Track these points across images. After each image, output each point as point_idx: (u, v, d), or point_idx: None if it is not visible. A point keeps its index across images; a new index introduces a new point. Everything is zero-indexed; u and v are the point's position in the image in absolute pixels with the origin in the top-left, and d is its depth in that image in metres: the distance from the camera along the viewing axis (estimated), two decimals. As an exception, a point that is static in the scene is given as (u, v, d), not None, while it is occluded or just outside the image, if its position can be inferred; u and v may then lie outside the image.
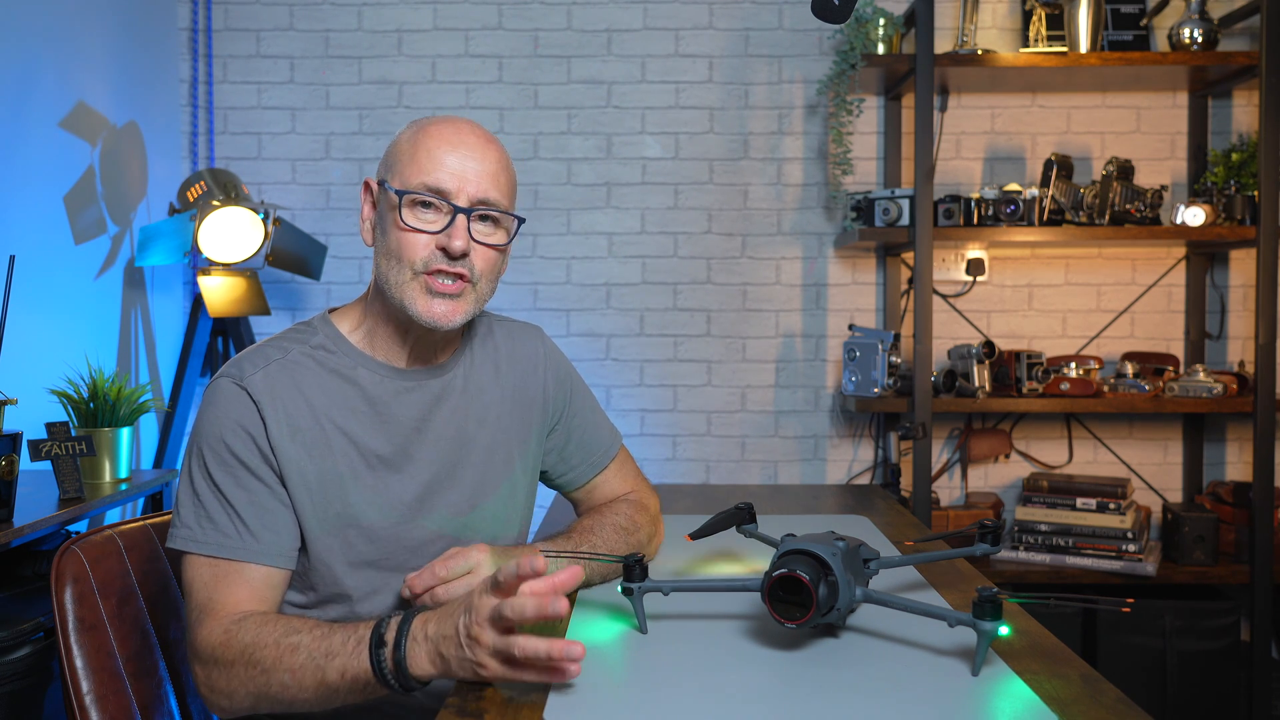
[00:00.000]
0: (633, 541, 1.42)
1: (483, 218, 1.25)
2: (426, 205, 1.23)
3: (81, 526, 1.99)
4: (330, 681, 1.05)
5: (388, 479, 1.27)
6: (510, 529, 1.39)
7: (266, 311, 2.66)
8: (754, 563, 1.49)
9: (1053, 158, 2.77)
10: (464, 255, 1.23)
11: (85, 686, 1.19)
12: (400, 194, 1.22)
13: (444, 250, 1.22)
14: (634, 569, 1.18)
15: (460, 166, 1.23)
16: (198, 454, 1.20)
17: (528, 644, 0.97)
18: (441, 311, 1.23)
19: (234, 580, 1.16)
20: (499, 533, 1.37)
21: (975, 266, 3.02)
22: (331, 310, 1.35)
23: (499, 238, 1.27)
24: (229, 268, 2.59)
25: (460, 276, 1.23)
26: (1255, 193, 2.66)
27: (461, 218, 1.22)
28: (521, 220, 1.30)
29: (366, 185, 1.30)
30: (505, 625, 0.98)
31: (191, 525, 1.18)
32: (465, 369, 1.36)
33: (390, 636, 1.03)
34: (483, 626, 0.98)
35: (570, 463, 1.50)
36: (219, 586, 1.15)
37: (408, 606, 1.26)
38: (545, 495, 1.60)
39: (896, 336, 2.82)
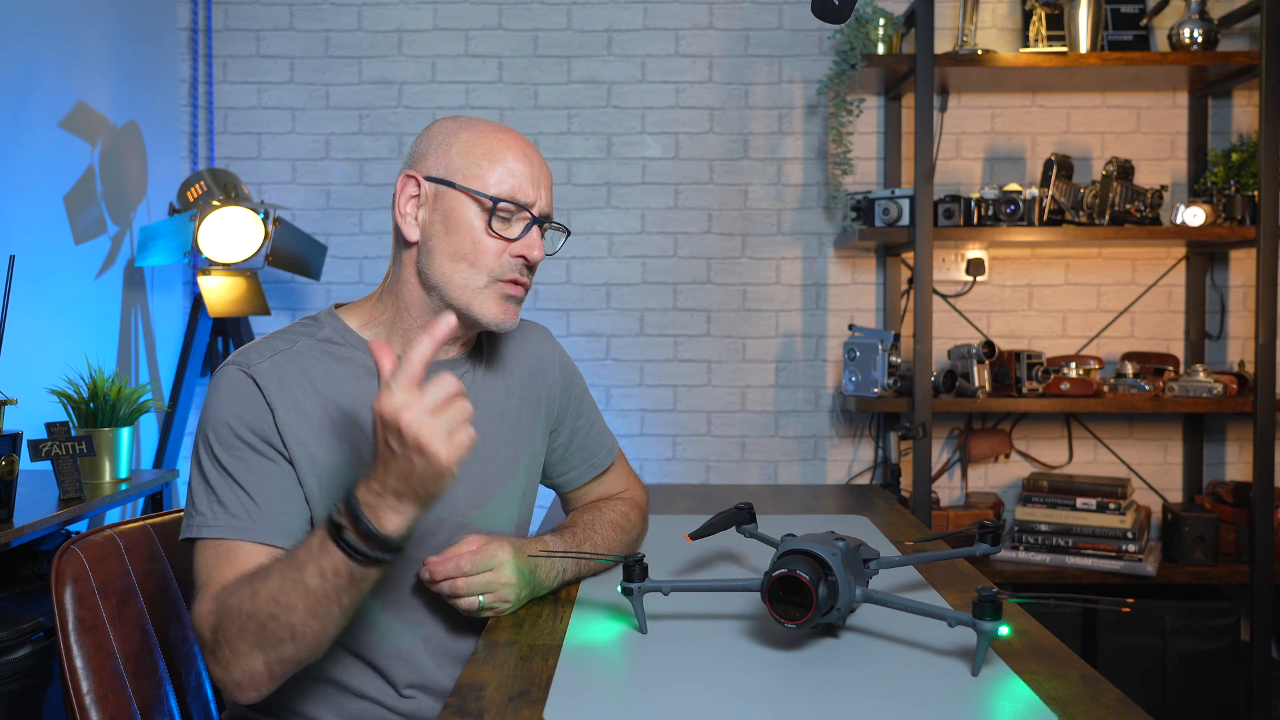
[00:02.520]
0: (626, 540, 1.46)
1: (547, 229, 1.32)
2: (506, 216, 1.27)
3: (81, 526, 1.99)
4: (314, 587, 1.05)
5: None
6: (511, 524, 1.40)
7: (266, 311, 2.66)
8: (754, 563, 1.49)
9: (1053, 158, 2.77)
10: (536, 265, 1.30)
11: (85, 686, 1.19)
12: (494, 201, 1.25)
13: (523, 258, 1.27)
14: (634, 569, 1.17)
15: (536, 179, 1.28)
16: (205, 442, 1.19)
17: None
18: (508, 316, 1.29)
19: (235, 557, 1.15)
20: (501, 527, 1.37)
21: (975, 266, 3.02)
22: (338, 306, 1.34)
23: (550, 248, 1.34)
24: (229, 268, 2.59)
25: (527, 285, 1.30)
26: (1255, 193, 2.66)
27: (536, 228, 1.28)
28: (569, 233, 1.39)
29: (413, 180, 1.27)
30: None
31: (205, 512, 1.17)
32: (476, 365, 1.37)
33: (344, 520, 1.05)
34: (416, 432, 1.01)
35: (570, 463, 1.51)
36: (219, 565, 1.14)
37: (418, 594, 1.28)
38: (545, 495, 1.60)
39: (896, 336, 2.82)
